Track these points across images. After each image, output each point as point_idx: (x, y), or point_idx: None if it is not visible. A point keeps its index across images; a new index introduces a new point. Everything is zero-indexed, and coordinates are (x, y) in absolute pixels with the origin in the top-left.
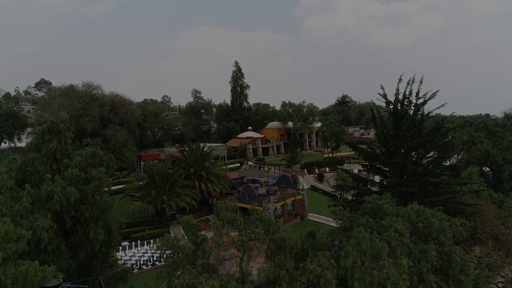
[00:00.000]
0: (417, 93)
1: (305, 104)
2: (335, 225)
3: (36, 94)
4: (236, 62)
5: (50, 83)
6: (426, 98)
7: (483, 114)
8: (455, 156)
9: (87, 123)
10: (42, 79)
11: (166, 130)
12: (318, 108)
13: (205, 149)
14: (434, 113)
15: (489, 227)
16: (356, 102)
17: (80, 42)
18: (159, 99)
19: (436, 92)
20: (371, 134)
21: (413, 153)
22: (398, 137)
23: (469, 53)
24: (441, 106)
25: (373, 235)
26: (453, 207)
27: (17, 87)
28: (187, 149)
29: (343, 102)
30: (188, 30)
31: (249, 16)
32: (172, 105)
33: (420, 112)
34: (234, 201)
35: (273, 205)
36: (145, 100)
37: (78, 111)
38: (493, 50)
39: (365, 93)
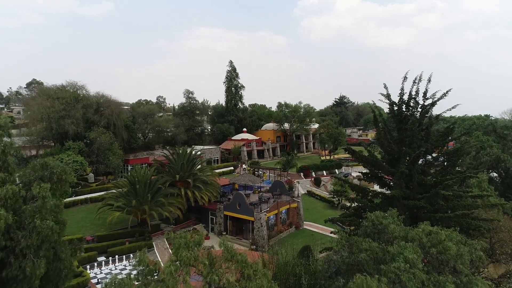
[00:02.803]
0: (425, 93)
1: (302, 105)
2: (332, 235)
3: (28, 94)
4: (231, 62)
5: (41, 84)
6: (435, 99)
7: (482, 115)
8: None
9: (69, 125)
10: (34, 79)
11: (158, 132)
12: (315, 109)
13: (194, 152)
14: (440, 115)
15: (509, 247)
16: (354, 103)
17: (77, 42)
18: (156, 100)
19: (447, 92)
20: (370, 135)
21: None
22: (403, 143)
23: (467, 54)
24: (453, 108)
25: (382, 283)
26: (467, 223)
27: (10, 88)
28: (172, 152)
29: (341, 103)
30: (186, 31)
31: (247, 17)
32: (168, 106)
33: (428, 115)
34: (200, 233)
35: (266, 214)
36: (139, 100)
37: (59, 113)
38: (491, 51)
39: (363, 94)
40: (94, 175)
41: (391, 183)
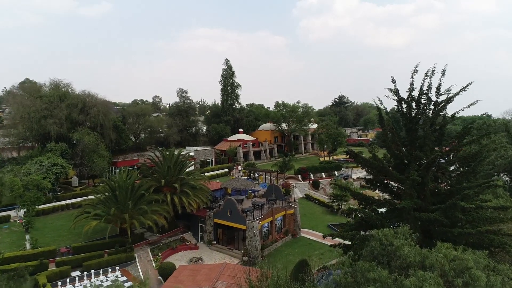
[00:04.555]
0: (438, 88)
1: (300, 104)
2: (331, 243)
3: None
4: (227, 60)
5: (35, 83)
6: (451, 95)
7: (484, 115)
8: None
9: (51, 126)
10: (27, 78)
11: (150, 132)
12: (313, 109)
13: (186, 153)
14: (457, 113)
15: None
16: (353, 102)
17: (76, 42)
18: (152, 100)
19: (467, 85)
20: (369, 135)
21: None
22: (413, 145)
23: (466, 54)
24: (471, 104)
25: None
26: (489, 240)
27: (5, 87)
28: (158, 155)
29: (340, 103)
30: (185, 31)
31: (246, 17)
32: (165, 106)
33: (442, 113)
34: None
35: (259, 223)
36: (135, 100)
37: (40, 112)
38: (490, 51)
39: (362, 94)
40: (78, 178)
41: (399, 191)
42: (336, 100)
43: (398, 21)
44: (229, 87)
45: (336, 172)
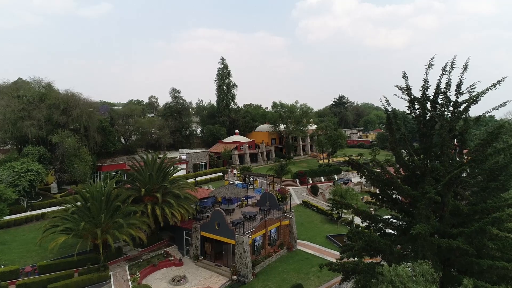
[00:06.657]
0: (459, 86)
1: (298, 105)
2: (331, 258)
3: None
4: (223, 59)
5: (28, 83)
6: (475, 94)
7: (486, 116)
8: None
9: (28, 128)
10: (19, 78)
11: (141, 134)
12: (312, 109)
13: (169, 157)
14: (483, 115)
15: None
16: (353, 103)
17: (75, 43)
18: (148, 100)
19: (498, 82)
20: (370, 137)
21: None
22: (428, 154)
23: (465, 54)
24: (501, 105)
25: None
26: None
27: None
28: (138, 159)
29: (340, 103)
30: (185, 32)
31: (245, 18)
32: (161, 106)
33: (465, 115)
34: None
35: (249, 237)
36: (131, 101)
37: (17, 113)
38: (489, 51)
39: (361, 94)
40: (59, 184)
41: (410, 208)
42: (336, 100)
43: (397, 22)
44: (224, 87)
45: (336, 176)
